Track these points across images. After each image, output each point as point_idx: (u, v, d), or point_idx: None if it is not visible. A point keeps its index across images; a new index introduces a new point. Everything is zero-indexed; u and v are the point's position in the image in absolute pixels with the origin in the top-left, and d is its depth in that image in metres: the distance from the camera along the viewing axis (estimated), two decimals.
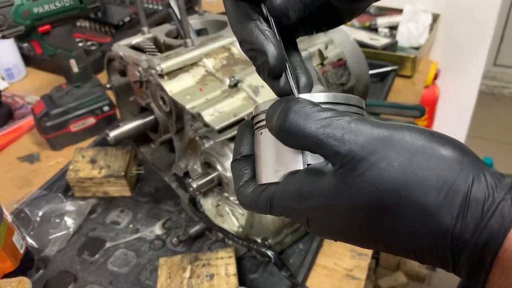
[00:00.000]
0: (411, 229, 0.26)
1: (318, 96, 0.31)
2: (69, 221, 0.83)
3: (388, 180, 0.26)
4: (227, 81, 0.69)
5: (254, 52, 0.31)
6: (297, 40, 0.36)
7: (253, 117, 0.35)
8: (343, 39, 0.83)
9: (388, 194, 0.26)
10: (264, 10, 0.31)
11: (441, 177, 0.26)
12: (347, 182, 0.27)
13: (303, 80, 0.33)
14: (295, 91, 0.32)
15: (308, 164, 0.31)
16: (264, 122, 0.33)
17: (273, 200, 0.32)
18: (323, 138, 0.28)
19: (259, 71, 0.32)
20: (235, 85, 0.69)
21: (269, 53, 0.30)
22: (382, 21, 1.43)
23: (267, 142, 0.33)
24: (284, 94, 0.32)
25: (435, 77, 1.55)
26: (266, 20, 0.31)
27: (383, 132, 0.27)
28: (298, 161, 0.31)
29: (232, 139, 0.66)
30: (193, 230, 0.75)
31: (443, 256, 0.26)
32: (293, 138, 0.29)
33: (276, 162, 0.32)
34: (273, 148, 0.32)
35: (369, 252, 0.76)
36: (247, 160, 0.35)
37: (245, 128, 0.36)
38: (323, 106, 0.30)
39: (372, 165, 0.26)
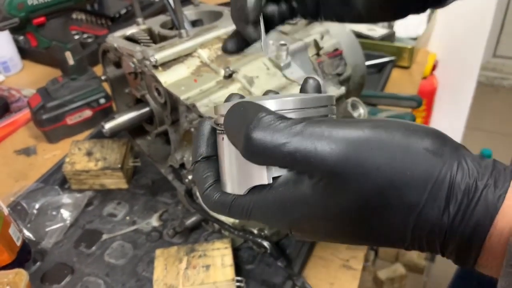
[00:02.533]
0: (399, 227, 0.26)
1: (287, 101, 0.29)
2: (65, 214, 0.83)
3: (371, 184, 0.26)
4: (222, 72, 0.69)
5: None
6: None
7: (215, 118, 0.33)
8: (339, 29, 0.82)
9: (374, 197, 0.26)
10: None
11: (424, 173, 0.25)
12: (330, 192, 0.26)
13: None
14: (264, 44, 0.37)
15: (273, 178, 0.29)
16: None
17: (250, 211, 0.30)
18: (297, 156, 0.26)
19: (235, 16, 0.39)
20: (230, 75, 0.68)
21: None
22: None
23: (228, 150, 0.31)
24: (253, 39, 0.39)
25: (434, 68, 1.54)
26: None
27: (358, 135, 0.26)
28: (262, 175, 0.29)
29: None
30: (190, 221, 0.75)
31: (432, 245, 0.27)
32: (261, 158, 0.28)
33: (239, 174, 0.30)
34: (234, 158, 0.31)
35: None
36: (209, 162, 0.34)
37: (203, 126, 0.34)
38: (290, 113, 0.28)
39: (353, 172, 0.26)
